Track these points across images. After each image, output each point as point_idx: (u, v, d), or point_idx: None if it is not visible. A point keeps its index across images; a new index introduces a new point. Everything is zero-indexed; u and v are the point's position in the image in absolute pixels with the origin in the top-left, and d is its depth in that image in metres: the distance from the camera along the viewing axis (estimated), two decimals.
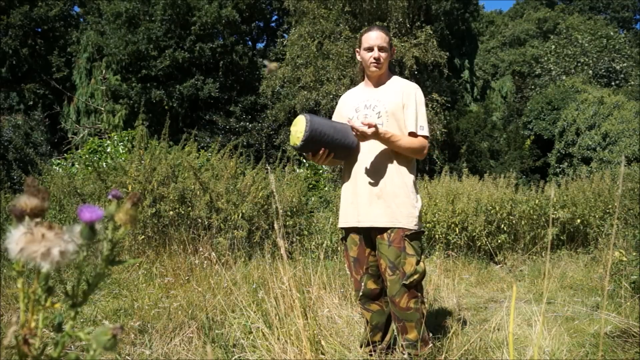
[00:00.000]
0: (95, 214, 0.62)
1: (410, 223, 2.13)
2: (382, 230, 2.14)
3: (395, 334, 2.17)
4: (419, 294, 2.14)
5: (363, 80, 2.38)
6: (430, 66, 14.25)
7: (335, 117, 2.40)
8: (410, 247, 2.11)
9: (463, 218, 5.44)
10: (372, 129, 2.02)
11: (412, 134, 2.17)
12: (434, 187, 6.20)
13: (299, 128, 2.02)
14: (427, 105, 13.54)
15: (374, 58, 2.20)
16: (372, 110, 2.22)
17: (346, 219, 2.26)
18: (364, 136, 2.06)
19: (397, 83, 2.28)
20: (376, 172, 2.17)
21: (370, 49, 2.21)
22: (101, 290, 3.32)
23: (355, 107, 2.28)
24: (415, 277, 2.09)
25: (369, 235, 2.23)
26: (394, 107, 2.18)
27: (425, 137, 2.18)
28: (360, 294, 2.26)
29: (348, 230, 2.29)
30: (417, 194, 2.23)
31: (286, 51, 14.13)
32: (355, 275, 2.28)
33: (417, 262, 2.12)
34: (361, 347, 2.33)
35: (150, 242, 4.14)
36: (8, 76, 18.12)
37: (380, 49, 2.20)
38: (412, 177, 2.21)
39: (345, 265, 2.42)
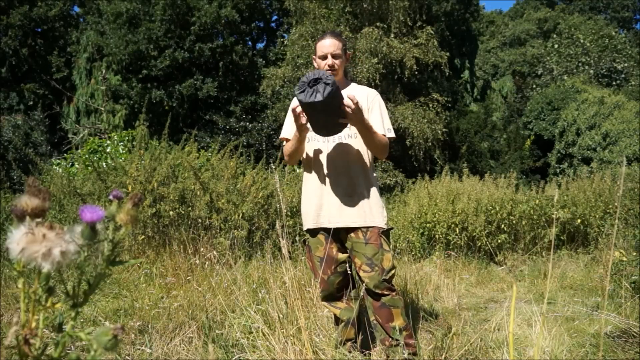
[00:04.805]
0: (96, 215, 0.62)
1: (382, 222, 2.21)
2: (355, 229, 2.19)
3: (374, 329, 2.21)
4: (396, 289, 2.24)
5: None
6: (430, 66, 14.26)
7: (287, 121, 2.37)
8: (385, 243, 2.20)
9: (463, 218, 5.44)
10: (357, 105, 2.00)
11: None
12: (434, 187, 6.20)
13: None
14: (427, 105, 13.65)
15: (328, 65, 2.24)
16: None
17: (315, 220, 2.25)
18: (353, 114, 2.00)
19: (357, 89, 2.32)
20: (346, 173, 2.21)
21: (324, 57, 2.26)
22: (101, 290, 3.31)
23: None
24: (393, 271, 2.19)
25: (337, 235, 2.26)
26: None
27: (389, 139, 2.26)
28: (326, 293, 2.29)
29: (314, 232, 2.29)
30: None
31: (286, 51, 14.14)
32: (322, 275, 2.27)
33: (392, 257, 2.23)
34: (337, 347, 2.28)
35: (150, 242, 4.13)
36: (8, 76, 18.14)
37: (334, 56, 2.24)
38: (376, 177, 2.31)
39: (309, 267, 2.41)
